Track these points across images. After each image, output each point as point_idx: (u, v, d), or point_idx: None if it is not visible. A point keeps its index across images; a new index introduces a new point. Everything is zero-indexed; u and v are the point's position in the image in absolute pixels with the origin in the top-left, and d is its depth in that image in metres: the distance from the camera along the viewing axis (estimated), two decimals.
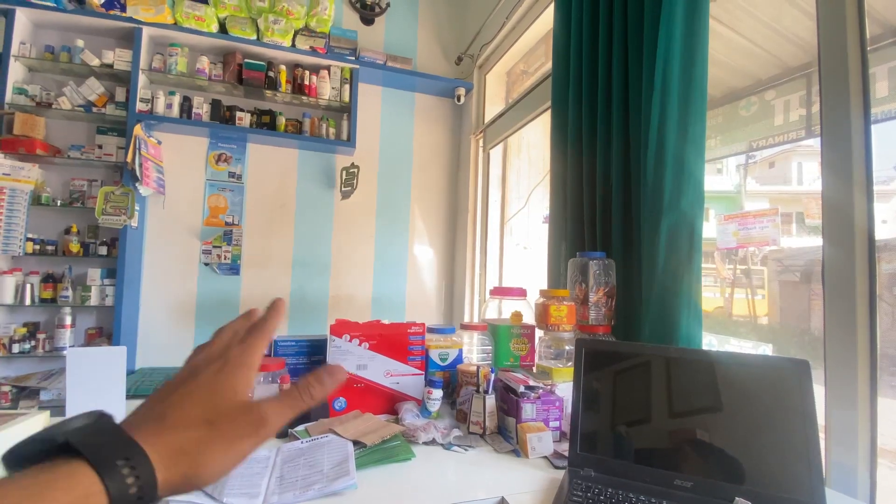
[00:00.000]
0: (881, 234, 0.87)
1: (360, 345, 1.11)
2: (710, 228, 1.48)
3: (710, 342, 1.55)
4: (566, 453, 0.87)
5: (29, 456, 0.26)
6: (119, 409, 0.92)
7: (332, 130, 2.82)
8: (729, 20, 1.57)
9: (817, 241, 0.93)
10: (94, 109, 2.43)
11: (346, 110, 2.85)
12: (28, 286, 2.27)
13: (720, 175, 2.00)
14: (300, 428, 0.97)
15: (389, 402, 1.12)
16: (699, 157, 1.09)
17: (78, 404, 0.91)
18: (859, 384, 0.81)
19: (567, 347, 1.18)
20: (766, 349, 1.56)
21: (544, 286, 1.65)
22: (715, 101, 1.61)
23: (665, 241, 1.09)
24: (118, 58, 2.44)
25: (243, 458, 0.32)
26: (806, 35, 1.42)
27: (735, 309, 1.77)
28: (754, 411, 0.74)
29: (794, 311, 1.67)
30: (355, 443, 0.88)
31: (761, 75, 1.55)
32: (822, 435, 0.73)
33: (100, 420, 0.28)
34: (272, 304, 0.40)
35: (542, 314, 1.18)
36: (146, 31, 2.47)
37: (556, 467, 0.87)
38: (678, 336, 1.05)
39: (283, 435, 0.96)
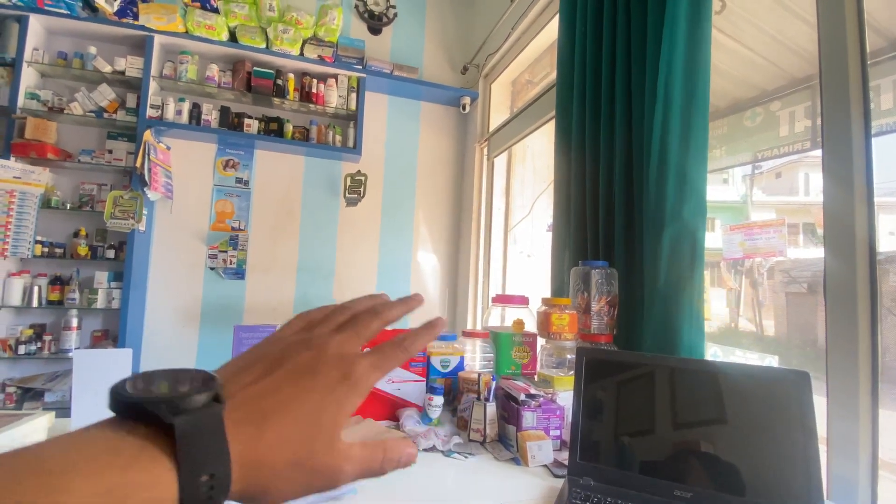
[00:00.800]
0: (889, 246, 0.86)
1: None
2: (716, 239, 1.48)
3: (715, 353, 1.54)
4: (566, 462, 0.87)
5: (128, 403, 0.23)
6: None
7: (338, 138, 2.85)
8: (733, 32, 1.58)
9: (822, 252, 0.93)
10: (105, 115, 2.47)
11: (352, 118, 2.88)
12: (36, 288, 2.30)
13: (726, 185, 2.00)
14: None
15: (391, 409, 1.13)
16: (702, 167, 1.09)
17: (83, 406, 0.92)
18: (861, 396, 0.81)
19: (569, 356, 1.18)
20: (772, 361, 1.55)
21: (547, 294, 1.65)
22: (720, 111, 1.62)
23: (667, 251, 1.09)
24: (130, 65, 2.48)
25: (302, 496, 0.28)
26: (810, 46, 1.43)
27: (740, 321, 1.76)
28: (754, 422, 0.74)
29: (801, 322, 1.66)
30: None
31: (766, 86, 1.56)
32: (823, 447, 0.73)
33: (209, 411, 0.24)
34: (432, 322, 0.35)
35: (544, 322, 1.18)
36: (158, 39, 2.52)
37: (556, 476, 0.87)
38: (680, 346, 1.05)
39: None
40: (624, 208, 1.29)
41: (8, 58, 2.30)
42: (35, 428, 0.87)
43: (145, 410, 0.23)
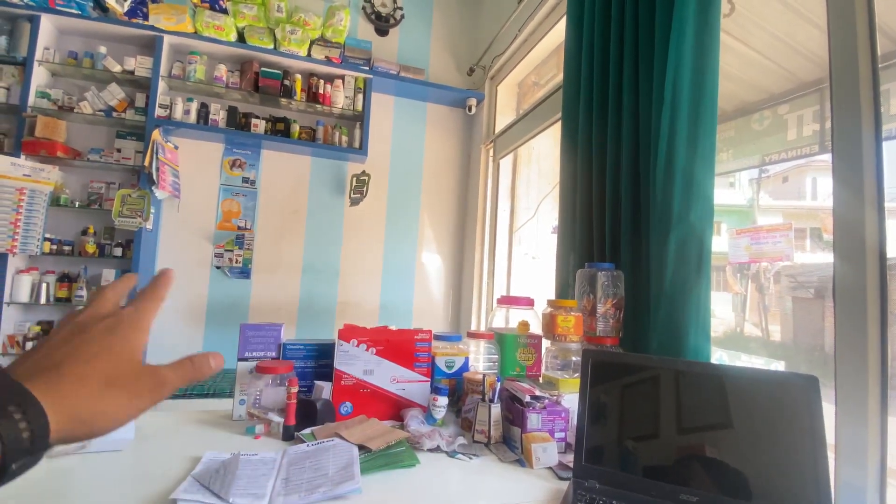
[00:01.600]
0: None
1: (367, 350, 1.12)
2: (721, 242, 1.47)
3: (721, 357, 1.53)
4: (571, 464, 0.86)
5: None
6: None
7: (344, 138, 2.87)
8: (742, 35, 1.58)
9: (831, 257, 0.93)
10: (115, 114, 2.49)
11: (358, 119, 2.89)
12: (44, 285, 2.32)
13: (732, 189, 1.99)
14: (306, 431, 0.97)
15: (395, 408, 1.13)
16: (709, 170, 1.09)
17: None
18: (870, 402, 0.80)
19: (574, 358, 1.17)
20: (779, 366, 1.54)
21: (552, 296, 1.65)
22: (727, 114, 1.61)
23: (674, 254, 1.09)
24: (139, 65, 2.50)
25: (139, 414, 0.33)
26: (819, 50, 1.42)
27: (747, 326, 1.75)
28: (762, 426, 0.73)
29: (808, 327, 1.65)
30: (360, 447, 0.89)
31: (774, 90, 1.55)
32: (831, 454, 0.72)
33: None
34: (160, 273, 0.41)
35: (550, 324, 1.18)
36: (167, 40, 2.54)
37: (561, 478, 0.87)
38: (686, 350, 1.05)
39: (290, 438, 0.96)
40: (630, 211, 1.28)
41: (19, 57, 2.33)
42: None
43: None
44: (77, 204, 2.44)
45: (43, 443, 0.27)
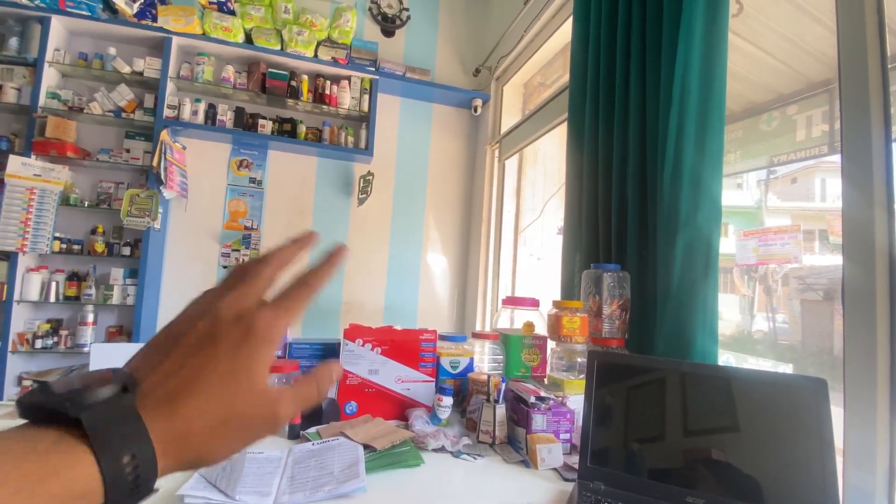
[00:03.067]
0: None
1: (372, 349, 1.12)
2: (729, 244, 1.46)
3: (728, 360, 1.52)
4: (576, 466, 0.86)
5: (36, 407, 0.24)
6: None
7: (350, 139, 2.88)
8: (750, 35, 1.56)
9: (839, 259, 0.92)
10: (124, 115, 2.52)
11: (364, 120, 2.90)
12: (53, 284, 2.35)
13: (740, 190, 1.98)
14: (311, 430, 0.98)
15: (400, 408, 1.13)
16: (717, 172, 1.08)
17: None
18: (879, 405, 0.79)
19: (579, 359, 1.17)
20: (787, 369, 1.52)
21: (556, 298, 1.65)
22: (735, 115, 1.60)
23: (681, 256, 1.08)
24: (148, 66, 2.53)
25: (246, 446, 0.30)
26: (828, 50, 1.41)
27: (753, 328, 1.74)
28: (769, 429, 0.73)
29: (816, 330, 1.63)
30: (365, 446, 0.89)
31: (783, 90, 1.54)
32: (839, 457, 0.72)
33: (118, 401, 0.25)
34: (333, 251, 0.35)
35: (555, 325, 1.18)
36: (175, 41, 2.56)
37: (566, 479, 0.86)
38: (693, 352, 1.04)
39: (295, 436, 0.97)
40: (637, 212, 1.28)
41: (30, 58, 2.36)
42: None
43: (53, 411, 0.23)
44: (86, 203, 2.47)
45: (147, 487, 0.25)
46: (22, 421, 0.24)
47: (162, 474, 0.26)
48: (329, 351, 1.18)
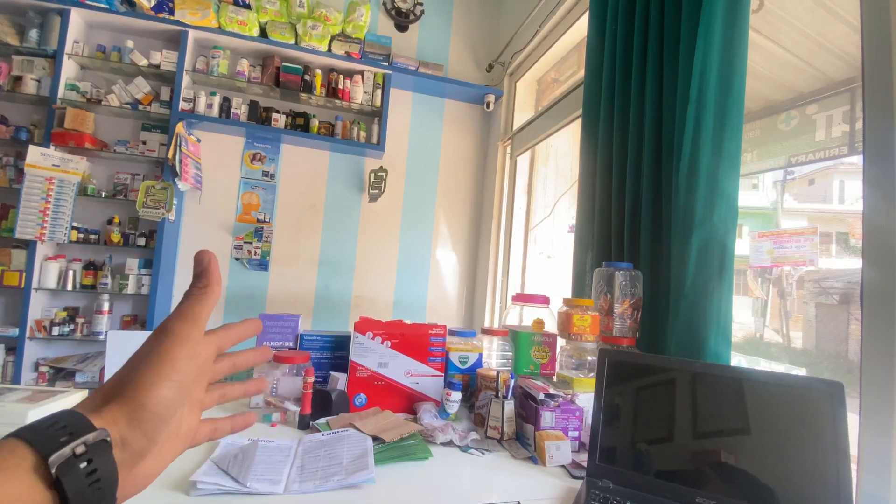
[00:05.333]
0: None
1: (382, 343, 1.13)
2: (743, 245, 1.44)
3: (740, 363, 1.51)
4: (584, 464, 0.86)
5: None
6: None
7: (362, 134, 2.88)
8: (770, 32, 1.54)
9: (858, 262, 0.90)
10: (140, 107, 2.55)
11: (377, 114, 2.90)
12: (70, 272, 2.40)
13: (756, 191, 1.95)
14: (321, 421, 0.99)
15: (408, 402, 1.14)
16: (734, 172, 1.07)
17: None
18: None
19: (589, 358, 1.17)
20: (800, 373, 1.50)
21: (566, 296, 1.64)
22: (752, 113, 1.58)
23: (695, 256, 1.07)
24: (165, 59, 2.56)
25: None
26: (851, 49, 1.37)
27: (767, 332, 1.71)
28: (782, 433, 0.72)
29: (831, 334, 1.60)
30: (374, 438, 0.90)
31: (803, 89, 1.50)
32: (853, 464, 0.71)
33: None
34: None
35: (565, 323, 1.17)
36: (192, 34, 2.59)
37: (574, 477, 0.86)
38: (705, 353, 1.03)
39: (305, 427, 0.98)
40: (651, 211, 1.26)
41: (50, 50, 2.40)
42: (69, 403, 0.91)
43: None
44: (103, 194, 2.51)
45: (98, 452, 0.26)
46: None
47: (120, 488, 0.27)
48: (339, 343, 1.19)
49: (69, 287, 2.39)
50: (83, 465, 0.25)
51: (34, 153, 2.27)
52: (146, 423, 0.28)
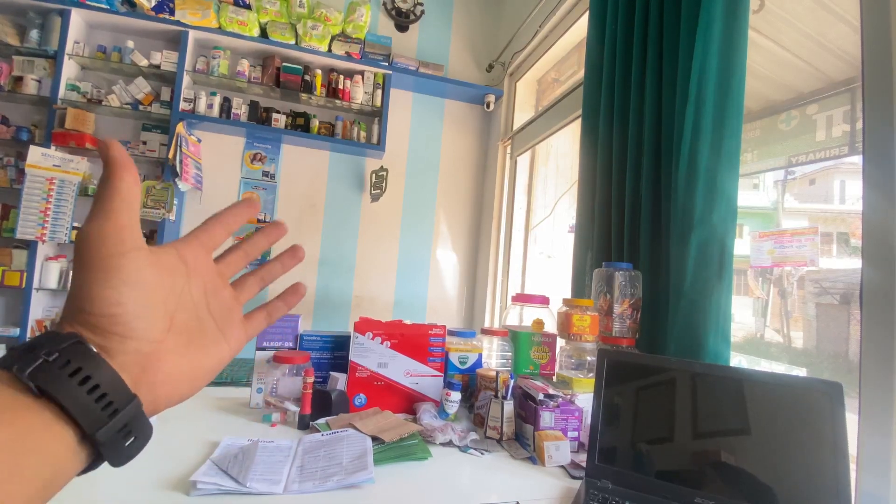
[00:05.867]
0: None
1: (381, 343, 1.13)
2: (743, 245, 1.44)
3: (740, 363, 1.50)
4: (583, 464, 0.86)
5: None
6: None
7: (363, 134, 2.89)
8: (771, 32, 1.53)
9: (859, 263, 0.90)
10: (141, 107, 2.56)
11: (377, 115, 2.91)
12: (72, 272, 2.39)
13: (756, 190, 1.94)
14: (321, 421, 0.99)
15: (408, 402, 1.14)
16: (733, 172, 1.07)
17: None
18: (895, 412, 0.78)
19: (589, 358, 1.17)
20: (801, 373, 1.50)
21: (566, 296, 1.64)
22: (752, 113, 1.57)
23: (694, 256, 1.07)
24: (165, 59, 2.56)
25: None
26: (851, 49, 1.37)
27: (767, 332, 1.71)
28: (782, 433, 0.72)
29: (831, 334, 1.60)
30: (374, 438, 0.90)
31: (803, 89, 1.50)
32: (852, 464, 0.71)
33: (61, 339, 0.25)
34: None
35: (565, 323, 1.17)
36: (192, 35, 2.59)
37: (573, 477, 0.86)
38: (704, 354, 1.03)
39: (305, 427, 0.98)
40: (650, 210, 1.26)
41: (50, 50, 2.40)
42: None
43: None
44: None
45: (132, 413, 0.25)
46: None
47: (150, 407, 0.26)
48: (339, 344, 1.19)
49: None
50: (65, 368, 0.23)
51: (35, 153, 2.27)
52: (111, 325, 0.26)
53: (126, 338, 0.26)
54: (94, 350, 0.25)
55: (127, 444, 0.25)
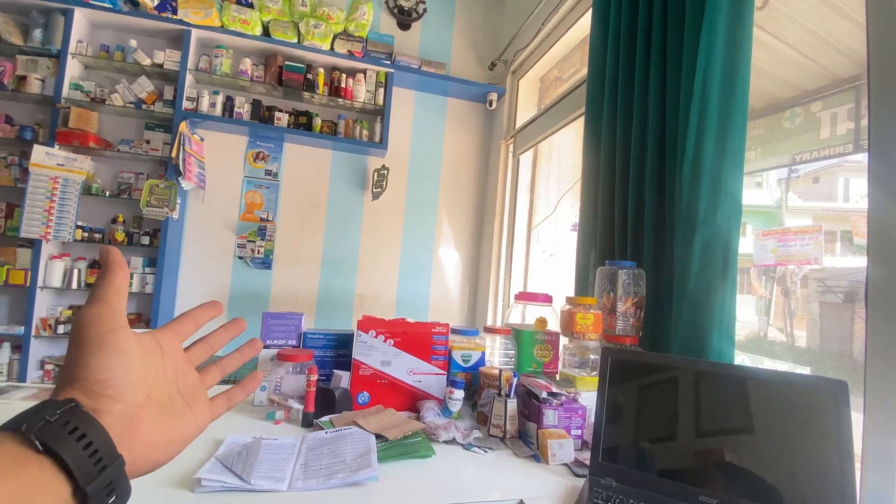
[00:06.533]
0: None
1: (385, 341, 1.13)
2: (746, 244, 1.43)
3: (743, 361, 1.50)
4: (587, 462, 0.86)
5: None
6: None
7: (365, 132, 2.89)
8: (775, 29, 1.53)
9: (862, 261, 0.90)
10: (144, 106, 2.56)
11: (379, 113, 2.91)
12: (76, 271, 2.41)
13: (759, 189, 1.94)
14: (325, 419, 0.99)
15: (411, 400, 1.14)
16: (737, 170, 1.06)
17: None
18: None
19: (592, 356, 1.17)
20: (804, 372, 1.50)
21: (569, 294, 1.64)
22: (756, 111, 1.57)
23: (699, 254, 1.07)
24: (168, 58, 2.56)
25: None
26: (856, 46, 1.36)
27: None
28: (786, 431, 0.72)
29: (835, 333, 1.60)
30: (377, 436, 0.90)
31: (807, 86, 1.50)
32: (857, 463, 0.70)
33: (61, 404, 0.28)
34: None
35: (568, 321, 1.17)
36: (195, 34, 2.59)
37: (577, 475, 0.86)
38: (708, 352, 1.03)
39: (309, 424, 0.98)
40: (654, 209, 1.26)
41: (54, 49, 2.41)
42: None
43: (7, 433, 0.26)
44: (107, 193, 2.52)
45: (117, 473, 0.28)
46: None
47: (130, 469, 0.30)
48: (342, 342, 1.19)
49: (74, 286, 2.40)
50: (65, 427, 0.26)
51: (39, 152, 2.28)
52: (103, 389, 0.30)
53: (114, 400, 0.30)
54: (87, 411, 0.28)
55: (110, 501, 0.28)
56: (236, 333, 0.45)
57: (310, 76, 2.78)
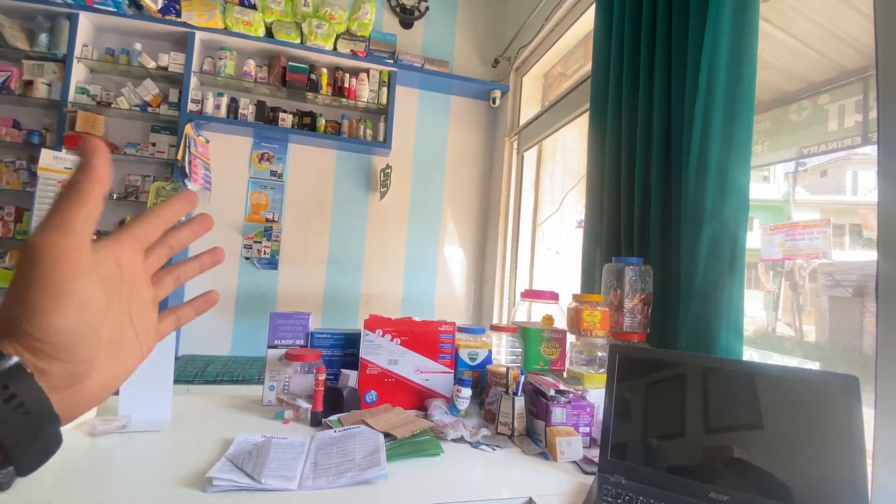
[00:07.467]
0: None
1: (391, 340, 1.13)
2: (754, 238, 1.42)
3: (752, 357, 1.49)
4: (596, 459, 0.86)
5: None
6: (166, 391, 0.97)
7: (369, 132, 2.89)
8: (781, 21, 1.51)
9: (872, 255, 0.89)
10: (150, 109, 2.58)
11: (383, 112, 2.91)
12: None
13: (766, 183, 1.92)
14: (333, 418, 1.00)
15: (419, 398, 1.14)
16: (744, 164, 1.06)
17: (128, 386, 0.97)
18: None
19: (599, 354, 1.16)
20: (814, 367, 1.49)
21: (574, 291, 1.63)
22: (763, 104, 1.55)
23: (706, 250, 1.06)
24: (172, 61, 2.58)
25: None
26: (864, 38, 1.35)
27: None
28: (796, 427, 0.72)
29: (845, 328, 1.58)
30: (386, 435, 0.91)
31: (814, 78, 1.48)
32: (868, 459, 0.70)
33: None
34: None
35: (575, 319, 1.17)
36: (199, 36, 2.60)
37: (586, 472, 0.86)
38: (716, 348, 1.02)
39: (317, 424, 0.99)
40: (660, 204, 1.25)
41: (59, 54, 2.43)
42: None
43: None
44: (115, 196, 2.54)
45: (47, 420, 0.25)
46: None
47: (62, 408, 0.26)
48: (350, 341, 1.20)
49: None
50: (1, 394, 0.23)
51: (46, 156, 2.30)
52: (55, 352, 0.25)
53: (65, 362, 0.26)
54: (31, 374, 0.25)
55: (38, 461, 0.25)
56: (201, 233, 0.37)
57: (313, 76, 2.78)
